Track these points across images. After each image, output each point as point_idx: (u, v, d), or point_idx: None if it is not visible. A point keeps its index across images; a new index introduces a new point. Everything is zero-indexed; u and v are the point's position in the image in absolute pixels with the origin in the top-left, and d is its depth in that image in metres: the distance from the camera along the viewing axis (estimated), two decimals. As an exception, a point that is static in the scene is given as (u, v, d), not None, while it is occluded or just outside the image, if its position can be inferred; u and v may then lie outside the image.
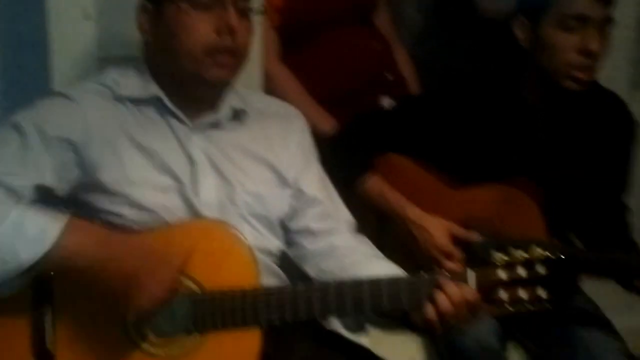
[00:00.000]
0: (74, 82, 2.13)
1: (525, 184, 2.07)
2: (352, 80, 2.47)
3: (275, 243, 1.79)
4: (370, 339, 1.98)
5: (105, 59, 2.20)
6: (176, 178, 1.66)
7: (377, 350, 1.88)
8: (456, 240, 2.09)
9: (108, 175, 1.63)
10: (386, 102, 2.50)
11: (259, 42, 2.03)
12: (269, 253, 1.77)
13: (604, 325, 2.11)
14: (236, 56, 1.65)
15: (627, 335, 2.12)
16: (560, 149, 2.11)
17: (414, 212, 2.10)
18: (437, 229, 2.07)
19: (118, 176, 1.63)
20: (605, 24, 1.99)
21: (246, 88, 1.87)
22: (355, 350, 1.83)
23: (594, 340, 2.05)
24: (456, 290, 1.56)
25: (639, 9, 2.87)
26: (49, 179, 1.60)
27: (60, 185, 1.62)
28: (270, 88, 2.26)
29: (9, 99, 2.35)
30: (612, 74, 2.80)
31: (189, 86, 1.67)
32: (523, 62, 2.09)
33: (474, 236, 2.07)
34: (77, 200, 1.65)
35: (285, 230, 1.82)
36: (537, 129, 2.11)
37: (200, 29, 1.60)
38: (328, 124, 2.31)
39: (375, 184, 2.11)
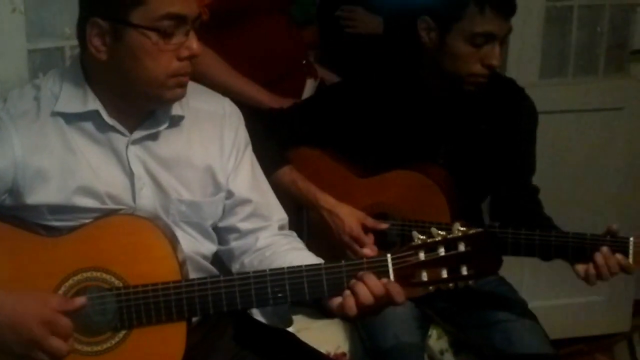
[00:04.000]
0: (5, 75, 2.19)
1: (434, 170, 2.15)
2: (274, 67, 2.49)
3: (209, 247, 1.80)
4: (296, 326, 1.99)
5: (35, 51, 2.25)
6: (113, 190, 1.67)
7: (303, 337, 1.92)
8: (367, 229, 2.14)
9: (35, 199, 1.63)
10: (310, 84, 2.57)
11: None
12: (202, 256, 1.78)
13: (519, 306, 2.19)
14: (192, 72, 1.66)
15: (540, 315, 2.20)
16: (465, 136, 2.19)
17: (325, 201, 2.15)
18: (347, 217, 2.12)
19: (45, 199, 1.63)
20: (507, 35, 2.07)
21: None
22: (281, 339, 1.85)
23: (510, 322, 2.12)
24: (377, 283, 1.55)
25: (546, 2, 2.97)
26: None
27: None
28: (198, 72, 2.22)
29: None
30: (522, 64, 2.94)
31: (139, 103, 1.66)
32: (422, 56, 2.15)
33: (384, 226, 2.14)
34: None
35: (214, 228, 1.82)
36: (440, 117, 2.18)
37: (166, 57, 1.59)
38: (264, 96, 2.35)
39: (287, 176, 2.15)
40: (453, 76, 2.07)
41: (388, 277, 1.57)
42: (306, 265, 1.59)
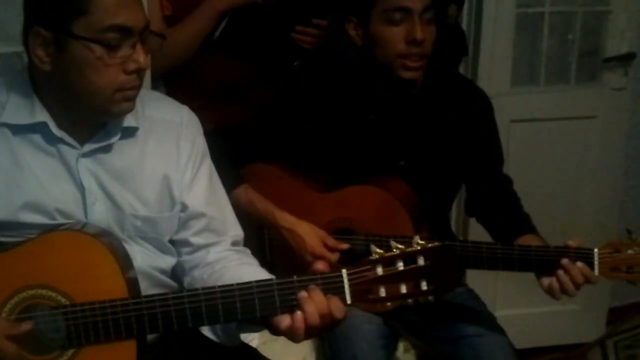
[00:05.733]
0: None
1: (393, 184, 2.11)
2: (238, 71, 2.46)
3: (167, 261, 1.75)
4: (260, 339, 1.98)
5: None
6: (63, 206, 1.62)
7: (267, 351, 1.87)
8: (329, 248, 2.10)
9: None
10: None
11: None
12: (161, 270, 1.74)
13: (488, 320, 2.16)
14: (140, 85, 1.61)
15: (507, 326, 2.17)
16: (421, 135, 2.17)
17: (285, 219, 2.10)
18: (308, 235, 2.08)
19: None
20: (426, 12, 2.05)
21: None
22: (240, 354, 1.80)
23: (479, 337, 2.09)
24: (322, 299, 1.51)
25: (516, 9, 2.95)
26: None
27: None
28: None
29: None
30: (493, 72, 2.92)
31: (88, 115, 1.61)
32: (362, 59, 2.14)
33: (345, 246, 2.09)
34: None
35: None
36: (392, 119, 2.15)
37: (112, 70, 1.53)
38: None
39: (244, 196, 2.11)
40: (387, 65, 2.07)
41: (344, 293, 1.52)
42: (257, 281, 1.54)
